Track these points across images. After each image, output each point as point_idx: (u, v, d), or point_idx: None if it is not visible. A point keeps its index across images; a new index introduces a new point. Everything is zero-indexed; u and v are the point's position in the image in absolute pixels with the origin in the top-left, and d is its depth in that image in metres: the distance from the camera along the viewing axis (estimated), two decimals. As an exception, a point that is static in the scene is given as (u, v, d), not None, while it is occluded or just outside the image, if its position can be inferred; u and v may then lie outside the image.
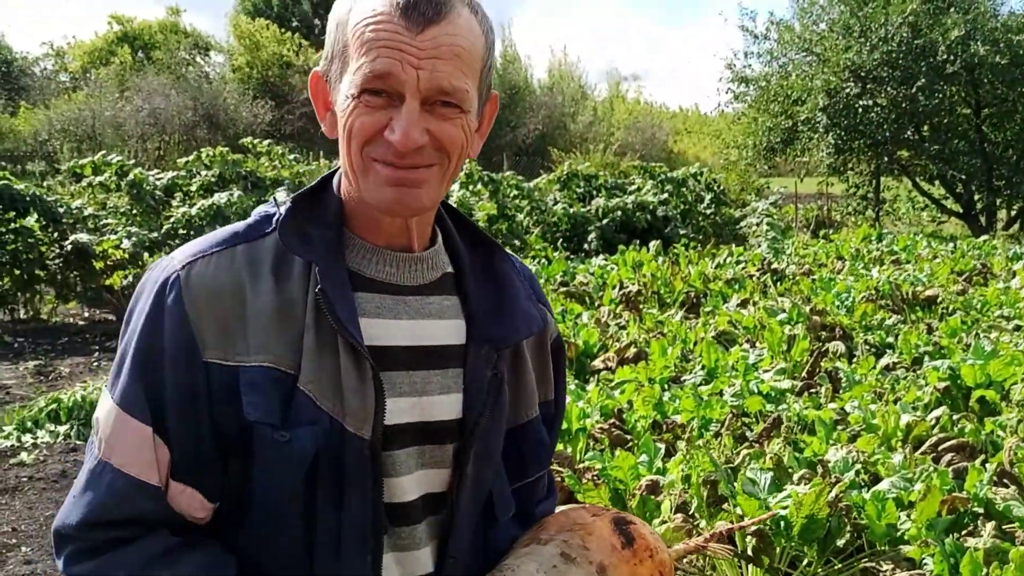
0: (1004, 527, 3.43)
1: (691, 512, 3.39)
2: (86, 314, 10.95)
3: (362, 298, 1.15)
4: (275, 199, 1.23)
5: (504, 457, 1.26)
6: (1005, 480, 3.77)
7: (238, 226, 1.18)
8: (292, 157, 14.14)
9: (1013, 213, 21.04)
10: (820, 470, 3.61)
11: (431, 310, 1.20)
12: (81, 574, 1.10)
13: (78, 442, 5.74)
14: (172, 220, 10.36)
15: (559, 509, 1.32)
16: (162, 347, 1.09)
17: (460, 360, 1.20)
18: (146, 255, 10.25)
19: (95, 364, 8.28)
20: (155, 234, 10.26)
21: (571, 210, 13.83)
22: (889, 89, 19.32)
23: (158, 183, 11.27)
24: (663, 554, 1.19)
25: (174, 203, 11.09)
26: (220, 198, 10.50)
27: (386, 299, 1.17)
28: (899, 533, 3.36)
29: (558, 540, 1.17)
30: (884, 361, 6.13)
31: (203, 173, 11.64)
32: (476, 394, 1.19)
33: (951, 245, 14.20)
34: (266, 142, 13.90)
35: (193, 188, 11.37)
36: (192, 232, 10.40)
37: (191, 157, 12.31)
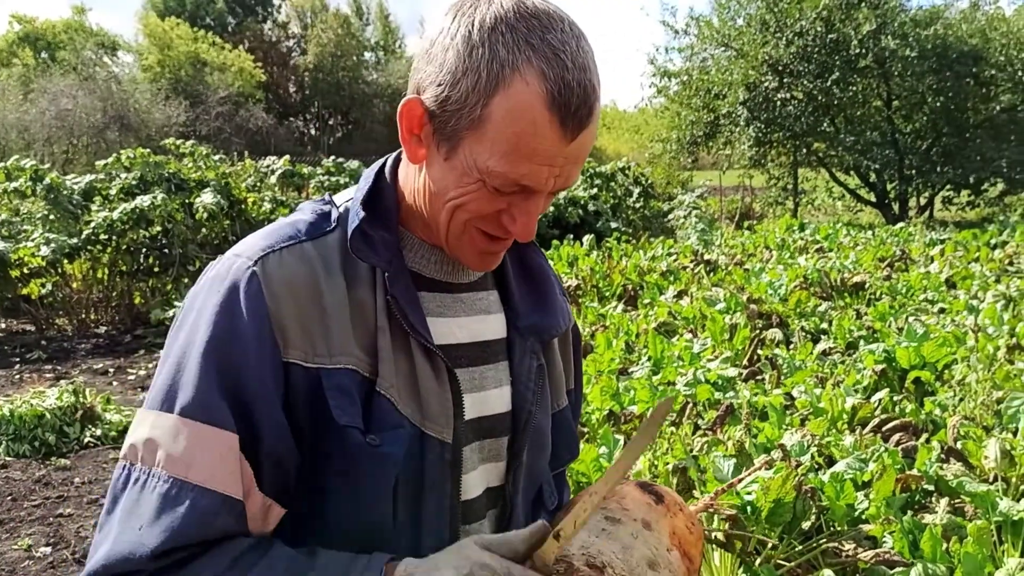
0: (954, 503, 3.56)
1: (659, 501, 3.40)
2: (3, 325, 10.46)
3: (424, 297, 1.14)
4: (330, 196, 1.18)
5: None
6: (951, 457, 3.90)
7: (296, 223, 1.12)
8: (217, 158, 13.75)
9: (923, 201, 21.89)
10: (779, 454, 3.66)
11: (482, 306, 1.21)
12: None
13: (7, 458, 5.48)
14: (93, 225, 9.94)
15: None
16: (243, 345, 1.02)
17: (505, 353, 1.21)
18: (66, 262, 9.85)
19: (16, 377, 7.91)
20: (75, 240, 9.84)
21: (502, 206, 13.80)
22: (805, 82, 19.91)
23: (76, 187, 10.81)
24: (688, 508, 1.24)
25: (93, 207, 10.65)
26: (143, 201, 10.11)
27: (445, 298, 1.17)
28: (857, 513, 3.44)
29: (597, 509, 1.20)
30: (821, 346, 6.29)
31: (123, 176, 11.20)
32: (526, 384, 1.20)
33: (870, 233, 14.69)
34: (189, 143, 13.47)
35: (113, 192, 10.91)
36: (115, 237, 10.04)
37: (110, 159, 11.82)
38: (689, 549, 1.20)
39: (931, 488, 3.65)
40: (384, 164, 1.18)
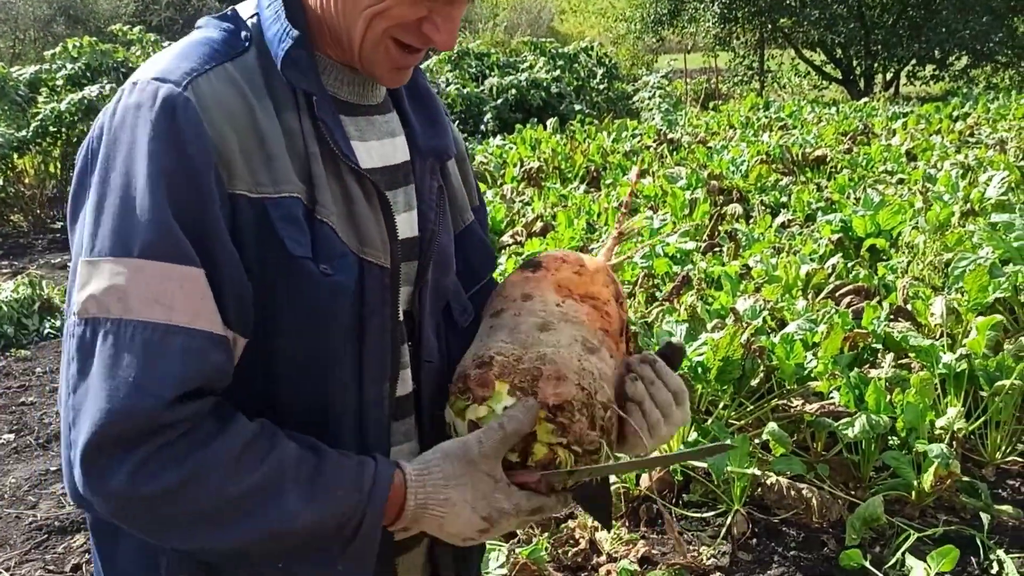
0: (901, 361, 3.65)
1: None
2: (-46, 223, 10.25)
3: (344, 121, 1.10)
4: (236, 11, 1.10)
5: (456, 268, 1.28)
6: (900, 317, 3.99)
7: (209, 42, 1.04)
8: (167, 44, 13.28)
9: (889, 76, 21.74)
10: (732, 318, 3.72)
11: (388, 128, 1.18)
12: (165, 488, 0.91)
13: (-33, 352, 5.47)
14: (40, 117, 9.65)
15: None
16: (191, 176, 0.95)
17: (411, 176, 1.19)
18: (15, 156, 9.60)
19: (-27, 274, 7.81)
20: (23, 132, 9.57)
21: (465, 90, 13.52)
22: (771, -46, 19.41)
23: (21, 78, 10.45)
24: (572, 256, 1.23)
25: (40, 99, 10.33)
26: (91, 91, 9.81)
27: (360, 121, 1.13)
28: (807, 371, 3.53)
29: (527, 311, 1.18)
30: (780, 219, 6.33)
31: (69, 66, 10.84)
32: (429, 206, 1.19)
33: (834, 109, 14.62)
34: (136, 28, 12.96)
35: (60, 82, 10.58)
36: (64, 129, 9.75)
37: (57, 49, 11.39)
38: (588, 288, 1.18)
39: (878, 346, 3.74)
40: None
